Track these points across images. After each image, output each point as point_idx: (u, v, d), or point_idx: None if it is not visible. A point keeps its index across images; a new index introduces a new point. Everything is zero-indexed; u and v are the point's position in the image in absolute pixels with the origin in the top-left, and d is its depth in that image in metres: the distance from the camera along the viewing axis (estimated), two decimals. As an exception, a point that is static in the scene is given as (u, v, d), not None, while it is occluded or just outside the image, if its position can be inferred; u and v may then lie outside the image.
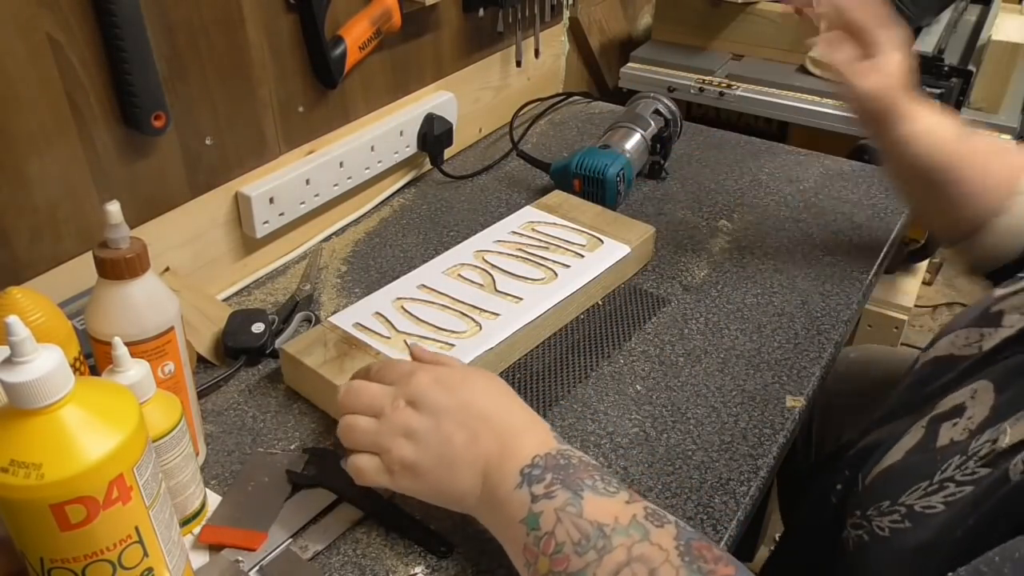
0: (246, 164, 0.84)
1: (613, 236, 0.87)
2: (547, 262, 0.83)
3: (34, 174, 0.66)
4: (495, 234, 0.88)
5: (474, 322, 0.75)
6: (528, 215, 0.92)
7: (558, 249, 0.86)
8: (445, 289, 0.79)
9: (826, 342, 0.79)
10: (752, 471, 0.65)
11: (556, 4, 1.25)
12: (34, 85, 0.64)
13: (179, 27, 0.73)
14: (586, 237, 0.88)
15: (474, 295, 0.79)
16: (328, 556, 0.58)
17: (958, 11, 1.45)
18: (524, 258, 0.84)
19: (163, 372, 0.60)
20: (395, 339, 0.73)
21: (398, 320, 0.75)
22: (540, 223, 0.90)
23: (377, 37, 0.91)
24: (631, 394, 0.73)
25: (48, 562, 0.45)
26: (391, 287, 0.80)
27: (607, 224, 0.90)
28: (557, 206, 0.93)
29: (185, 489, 0.57)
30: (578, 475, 0.51)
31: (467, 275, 0.82)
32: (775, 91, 1.40)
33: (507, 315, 0.76)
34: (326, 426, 0.69)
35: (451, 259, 0.84)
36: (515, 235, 0.88)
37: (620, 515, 0.48)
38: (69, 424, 0.42)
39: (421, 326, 0.75)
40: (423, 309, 0.77)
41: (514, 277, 0.81)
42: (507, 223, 0.90)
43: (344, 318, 0.75)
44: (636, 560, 0.46)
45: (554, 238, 0.88)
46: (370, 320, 0.75)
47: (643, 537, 0.47)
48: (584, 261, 0.84)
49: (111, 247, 0.56)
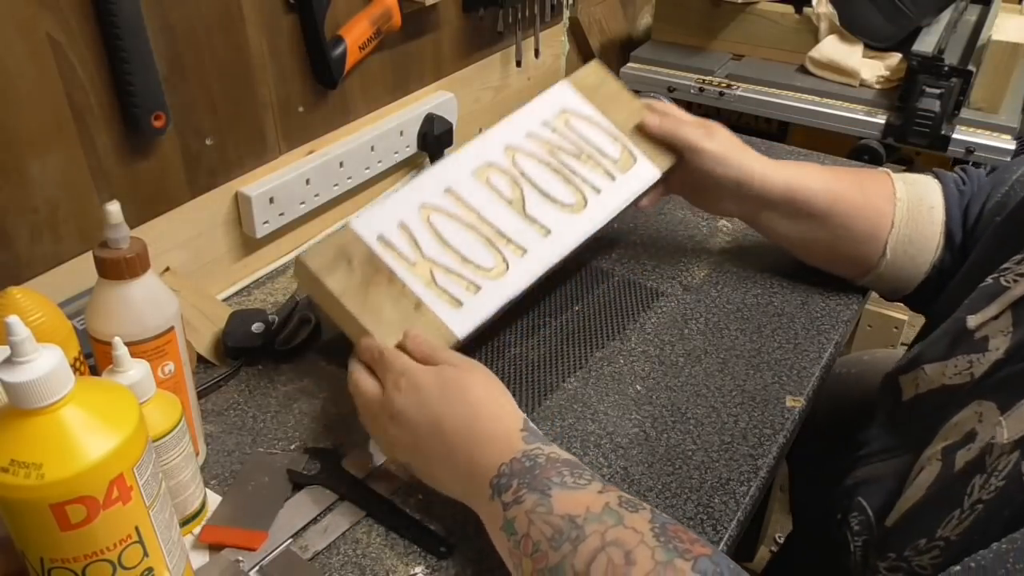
0: (246, 164, 0.84)
1: (646, 152, 0.82)
2: (577, 179, 0.79)
3: (34, 174, 0.66)
4: (528, 123, 0.81)
5: (501, 257, 0.73)
6: (564, 98, 0.84)
7: (590, 160, 0.80)
8: (472, 200, 0.74)
9: (826, 342, 0.79)
10: (752, 471, 0.65)
11: (556, 4, 1.25)
12: (34, 85, 0.64)
13: (179, 27, 0.73)
14: (619, 148, 0.82)
15: (503, 216, 0.74)
16: (328, 556, 0.58)
17: (958, 11, 1.45)
18: (555, 169, 0.79)
19: (163, 372, 0.60)
20: (420, 266, 0.69)
21: (424, 239, 0.71)
22: (575, 114, 0.83)
23: (377, 37, 0.91)
24: (631, 394, 0.73)
25: (48, 562, 0.45)
26: (418, 184, 0.74)
27: (641, 133, 0.83)
28: (595, 88, 0.85)
29: (185, 489, 0.57)
30: (545, 475, 0.52)
31: (496, 183, 0.76)
32: (775, 91, 1.39)
33: (534, 251, 0.74)
34: (326, 426, 0.69)
35: (481, 154, 0.77)
36: (548, 129, 0.81)
37: (591, 504, 0.49)
38: (69, 424, 0.42)
39: (448, 252, 0.71)
40: (450, 226, 0.72)
41: (544, 198, 0.77)
42: (542, 107, 0.82)
43: (368, 226, 0.70)
44: (611, 544, 0.47)
45: (587, 143, 0.81)
46: (395, 233, 0.70)
47: (617, 522, 0.48)
48: (614, 186, 0.80)
49: (111, 247, 0.56)
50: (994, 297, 0.61)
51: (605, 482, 0.52)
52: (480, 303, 0.70)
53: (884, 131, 1.29)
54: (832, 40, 1.39)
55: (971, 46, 1.35)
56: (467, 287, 0.70)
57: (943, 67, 1.22)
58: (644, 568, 0.45)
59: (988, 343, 0.60)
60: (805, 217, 0.79)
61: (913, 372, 0.67)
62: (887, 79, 1.35)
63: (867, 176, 0.81)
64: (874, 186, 0.80)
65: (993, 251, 0.68)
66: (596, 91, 0.85)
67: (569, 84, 0.85)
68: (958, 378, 0.61)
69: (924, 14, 1.34)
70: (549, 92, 0.84)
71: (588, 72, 0.87)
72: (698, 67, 1.46)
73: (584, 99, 0.84)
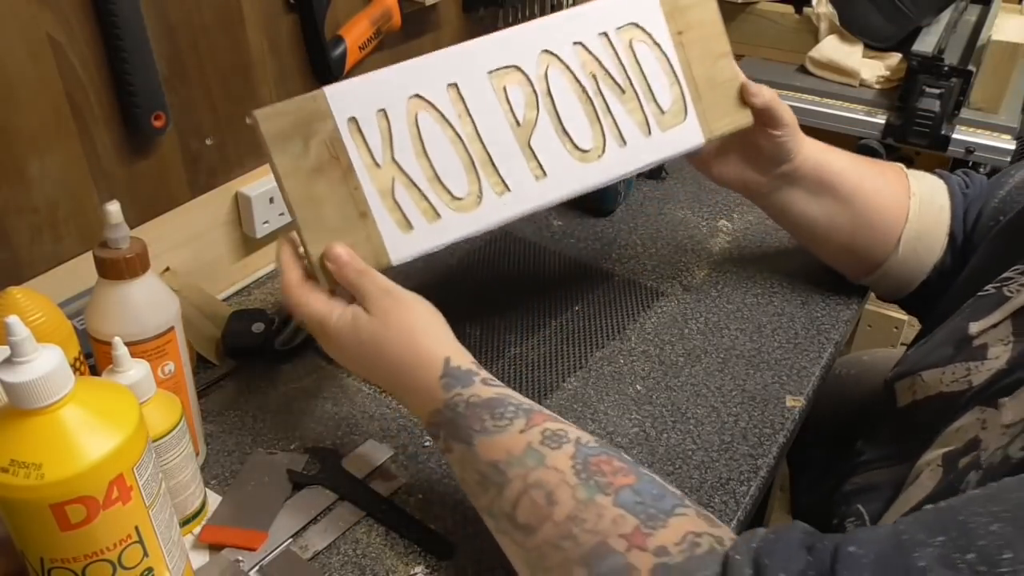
0: (246, 164, 0.84)
1: (703, 111, 0.71)
2: (608, 121, 0.67)
3: (34, 174, 0.66)
4: (584, 27, 0.67)
5: (477, 188, 0.63)
6: (641, 10, 0.69)
7: (632, 101, 0.68)
8: (475, 108, 0.63)
9: (826, 342, 0.79)
10: (752, 471, 0.65)
11: (556, 4, 1.25)
12: (34, 85, 0.64)
13: (179, 27, 0.73)
14: (675, 95, 0.70)
15: (501, 139, 0.64)
16: (328, 556, 0.58)
17: (958, 11, 1.45)
18: (588, 98, 0.67)
19: (163, 372, 0.60)
20: (385, 170, 0.60)
21: (401, 139, 0.61)
22: (644, 36, 0.69)
23: (377, 37, 0.91)
24: (631, 394, 0.73)
25: (48, 562, 0.45)
26: (420, 65, 0.62)
27: (712, 84, 0.72)
28: (685, 9, 0.71)
29: (185, 489, 0.57)
30: (467, 424, 0.52)
31: (513, 95, 0.64)
32: (775, 91, 1.39)
33: (516, 193, 0.64)
34: (326, 426, 0.69)
35: (510, 50, 0.65)
36: (603, 43, 0.67)
37: (512, 448, 0.50)
38: (69, 424, 0.42)
39: (420, 163, 0.61)
40: (436, 133, 0.62)
41: (558, 132, 0.66)
42: (609, 11, 0.68)
43: (343, 100, 0.59)
44: (533, 487, 0.48)
45: (640, 78, 0.69)
46: (371, 120, 0.60)
47: (538, 463, 0.49)
48: (646, 142, 0.69)
49: (111, 247, 0.56)
50: (996, 306, 0.61)
51: (531, 412, 0.52)
52: (431, 233, 0.62)
53: (884, 131, 1.29)
54: (832, 40, 1.39)
55: (971, 46, 1.35)
56: (425, 211, 0.62)
57: (943, 67, 1.22)
58: (565, 508, 0.46)
59: (988, 351, 0.59)
60: (830, 197, 0.76)
61: (910, 379, 0.67)
62: (887, 79, 1.35)
63: (886, 166, 0.80)
64: (893, 176, 0.78)
65: (993, 259, 0.68)
66: (684, 13, 0.71)
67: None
68: (955, 385, 0.61)
69: (924, 14, 1.34)
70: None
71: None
72: (698, 67, 1.46)
73: (664, 20, 0.70)
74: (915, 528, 0.36)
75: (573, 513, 0.46)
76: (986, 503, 0.35)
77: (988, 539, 0.34)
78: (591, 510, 0.46)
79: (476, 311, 0.83)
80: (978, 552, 0.34)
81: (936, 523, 0.36)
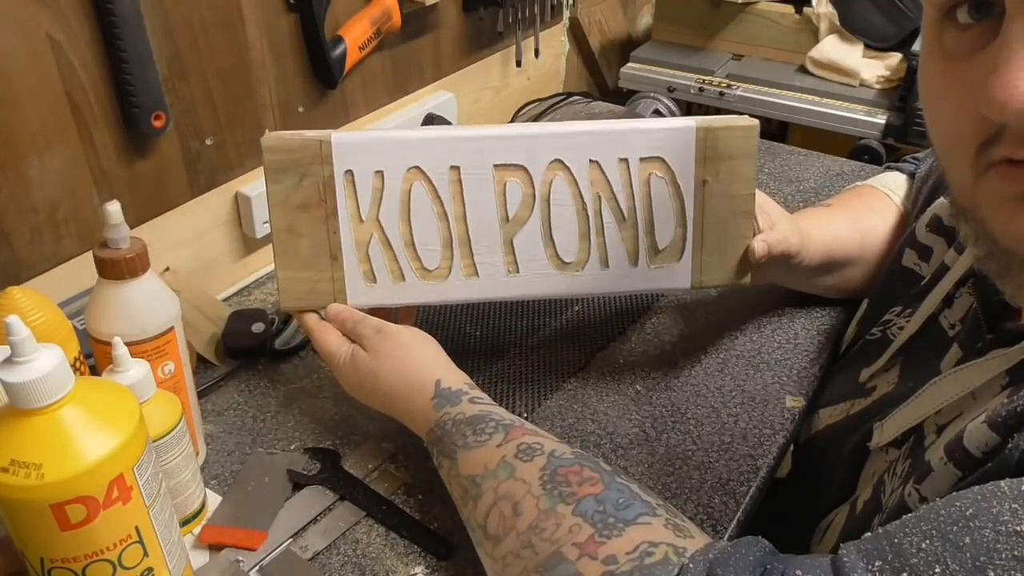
0: (246, 164, 0.84)
1: (700, 261, 0.67)
2: (599, 239, 0.65)
3: (34, 174, 0.66)
4: (609, 147, 0.64)
5: (448, 266, 0.64)
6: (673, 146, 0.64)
7: (632, 229, 0.65)
8: (471, 195, 0.63)
9: (826, 341, 0.79)
10: (752, 471, 0.65)
11: (556, 4, 1.25)
12: (34, 85, 0.64)
13: (179, 27, 0.73)
14: (676, 237, 0.66)
15: (486, 230, 0.64)
16: (328, 556, 0.58)
17: (958, 11, 1.45)
18: (588, 215, 0.65)
19: (163, 372, 0.60)
20: (366, 226, 0.62)
21: (389, 203, 0.62)
22: (663, 179, 0.64)
23: (377, 37, 0.91)
24: (631, 394, 0.73)
25: (48, 562, 0.45)
26: (429, 138, 0.62)
27: (719, 237, 0.66)
28: (721, 159, 0.64)
29: (185, 489, 0.57)
30: (452, 440, 0.55)
31: (511, 192, 0.63)
32: (775, 91, 1.40)
33: (483, 282, 0.65)
34: (326, 426, 0.69)
35: (525, 153, 0.63)
36: (620, 170, 0.64)
37: (488, 461, 0.52)
38: (69, 424, 0.42)
39: (400, 228, 0.63)
40: (423, 207, 0.63)
41: (545, 238, 0.65)
42: (643, 138, 0.64)
43: (348, 153, 0.61)
44: (502, 498, 0.50)
45: (648, 212, 0.65)
46: (367, 179, 0.62)
47: (508, 475, 0.50)
48: (629, 272, 0.66)
49: (111, 247, 0.56)
50: (883, 350, 0.64)
51: (511, 428, 0.54)
52: (392, 291, 0.64)
53: (884, 131, 1.29)
54: (832, 40, 1.39)
55: (971, 46, 1.35)
56: (392, 271, 0.64)
57: (943, 67, 1.22)
58: (529, 518, 0.47)
59: (875, 392, 0.64)
60: (841, 267, 0.77)
61: (810, 416, 0.72)
62: (887, 79, 1.35)
63: (865, 194, 0.81)
64: (874, 199, 0.80)
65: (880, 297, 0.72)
66: (718, 162, 0.64)
67: (695, 129, 0.64)
68: (836, 415, 0.68)
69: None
70: (669, 124, 0.64)
71: (735, 130, 0.64)
72: (698, 67, 1.46)
73: (694, 164, 0.64)
74: (855, 555, 0.37)
75: (535, 523, 0.47)
76: (917, 523, 0.36)
77: (919, 556, 0.35)
78: (551, 519, 0.46)
79: (476, 311, 0.83)
80: (911, 570, 0.35)
81: (875, 549, 0.37)
